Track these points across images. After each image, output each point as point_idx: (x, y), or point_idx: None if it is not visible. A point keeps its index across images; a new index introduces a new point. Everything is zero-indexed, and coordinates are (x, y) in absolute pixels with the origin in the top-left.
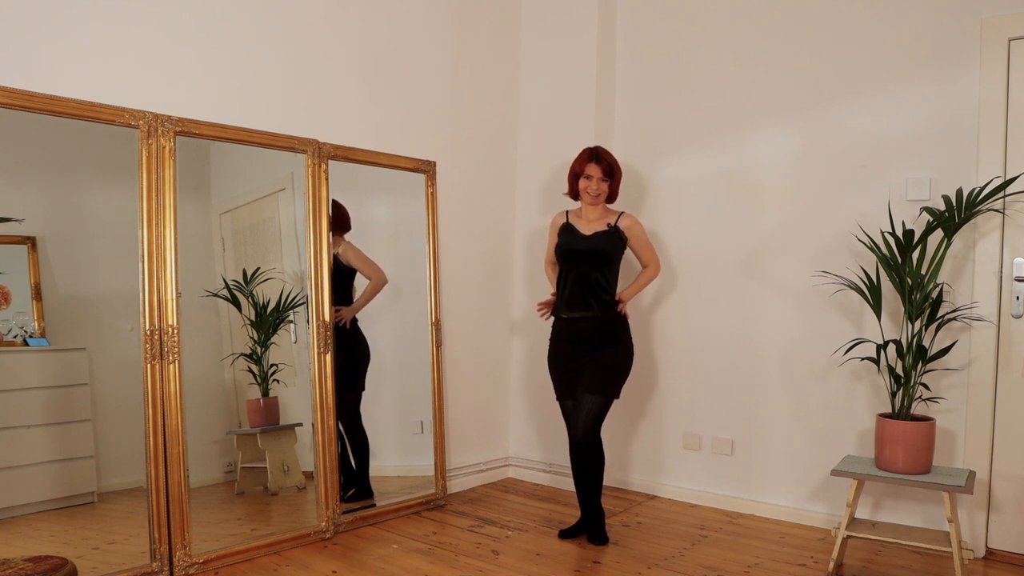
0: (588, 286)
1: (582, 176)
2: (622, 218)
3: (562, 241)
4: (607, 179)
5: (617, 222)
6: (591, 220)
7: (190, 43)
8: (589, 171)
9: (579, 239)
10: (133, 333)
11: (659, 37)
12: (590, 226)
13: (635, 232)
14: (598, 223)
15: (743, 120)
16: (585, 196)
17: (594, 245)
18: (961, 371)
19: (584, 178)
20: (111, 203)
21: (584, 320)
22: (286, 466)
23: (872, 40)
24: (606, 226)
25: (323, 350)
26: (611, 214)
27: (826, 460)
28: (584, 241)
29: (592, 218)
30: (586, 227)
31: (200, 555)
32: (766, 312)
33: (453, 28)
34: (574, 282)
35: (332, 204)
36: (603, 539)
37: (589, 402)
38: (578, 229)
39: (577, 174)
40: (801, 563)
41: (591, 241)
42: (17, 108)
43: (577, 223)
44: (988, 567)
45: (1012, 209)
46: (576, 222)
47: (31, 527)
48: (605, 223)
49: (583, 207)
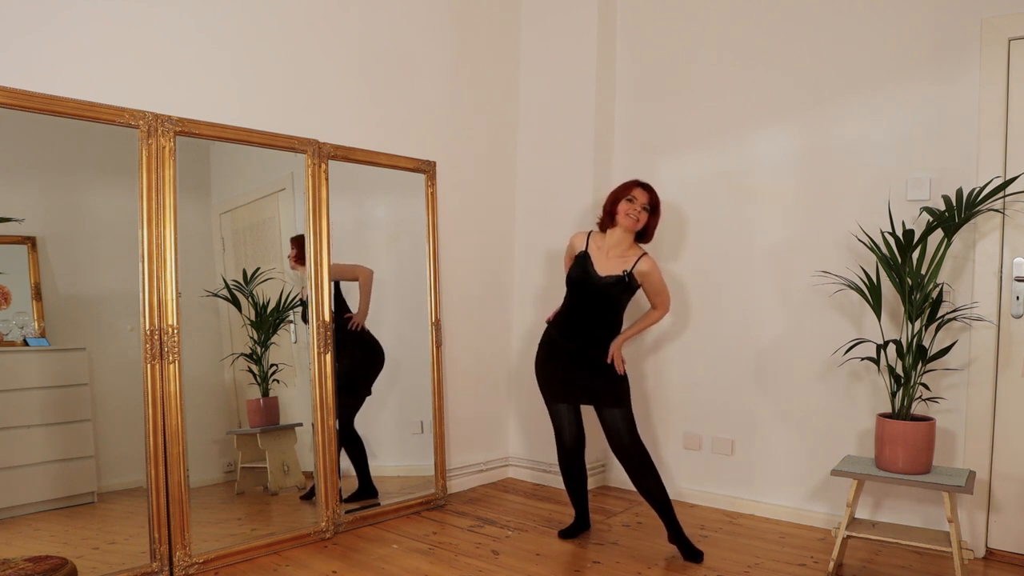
0: (589, 322)
1: (624, 199)
2: (641, 262)
3: (574, 271)
4: (649, 210)
5: (634, 268)
6: (611, 256)
7: (190, 43)
8: (635, 194)
9: (591, 277)
10: (133, 333)
11: (659, 37)
12: (606, 263)
13: (651, 279)
14: (616, 262)
15: (743, 120)
16: (625, 220)
17: (603, 289)
18: (961, 371)
19: (627, 200)
20: (111, 203)
21: (579, 351)
22: (286, 466)
23: (872, 40)
24: (621, 272)
25: (323, 350)
26: (633, 254)
27: (826, 460)
28: (595, 281)
29: (613, 254)
30: (602, 264)
31: (200, 555)
32: (766, 312)
33: (453, 28)
34: (577, 316)
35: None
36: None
37: (617, 416)
38: (593, 264)
39: (619, 197)
40: (801, 563)
41: (602, 282)
42: (17, 108)
43: (595, 255)
44: (988, 567)
45: (1012, 209)
46: (594, 253)
47: (31, 527)
48: (621, 268)
49: (609, 235)
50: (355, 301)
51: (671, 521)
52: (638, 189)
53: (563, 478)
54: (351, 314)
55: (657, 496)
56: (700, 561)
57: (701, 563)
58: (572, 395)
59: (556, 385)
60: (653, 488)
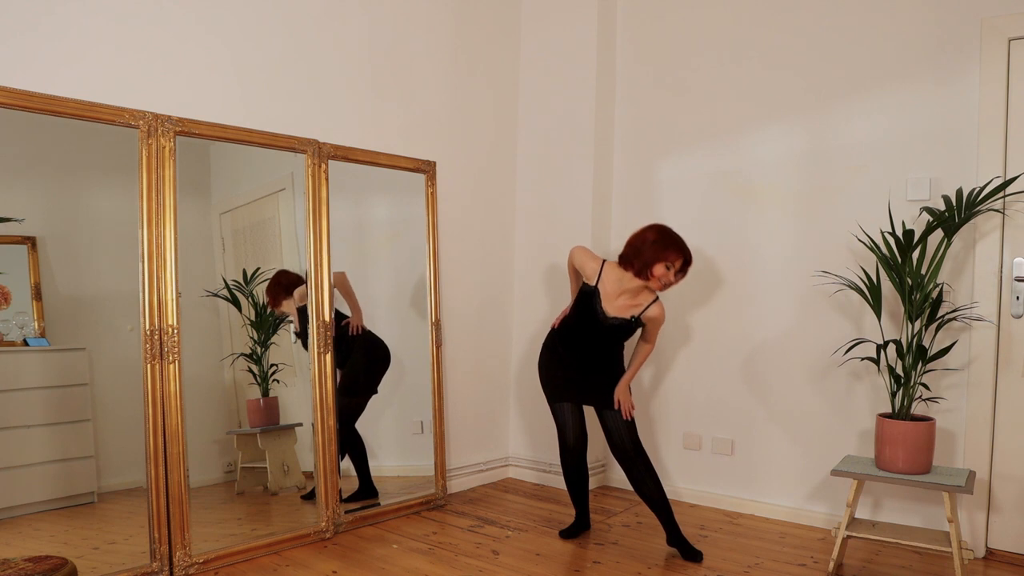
0: (591, 350)
1: (664, 262)
2: (652, 307)
3: (581, 303)
4: (681, 273)
5: (643, 313)
6: (622, 296)
7: (190, 43)
8: (676, 262)
9: (597, 316)
10: (133, 333)
11: (659, 38)
12: (615, 304)
13: (656, 323)
14: (626, 307)
15: (743, 120)
16: (655, 283)
17: (607, 330)
18: (961, 371)
19: (666, 266)
20: (111, 203)
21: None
22: (286, 466)
23: (872, 40)
24: (629, 316)
25: (323, 350)
26: (644, 299)
27: (826, 460)
28: (601, 320)
29: (626, 296)
30: (610, 303)
31: (200, 555)
32: (766, 312)
33: (454, 28)
34: (579, 342)
35: (281, 272)
36: (696, 553)
37: (618, 418)
38: (601, 303)
39: (659, 259)
40: (801, 563)
41: (607, 323)
42: (17, 108)
43: (605, 292)
44: (988, 567)
45: (1012, 209)
46: (605, 289)
47: (31, 527)
48: (630, 313)
49: (629, 278)
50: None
51: (670, 524)
52: (680, 259)
53: (565, 478)
54: (348, 319)
55: (657, 500)
56: (700, 561)
57: (701, 563)
58: (575, 394)
59: (559, 384)
60: (653, 492)
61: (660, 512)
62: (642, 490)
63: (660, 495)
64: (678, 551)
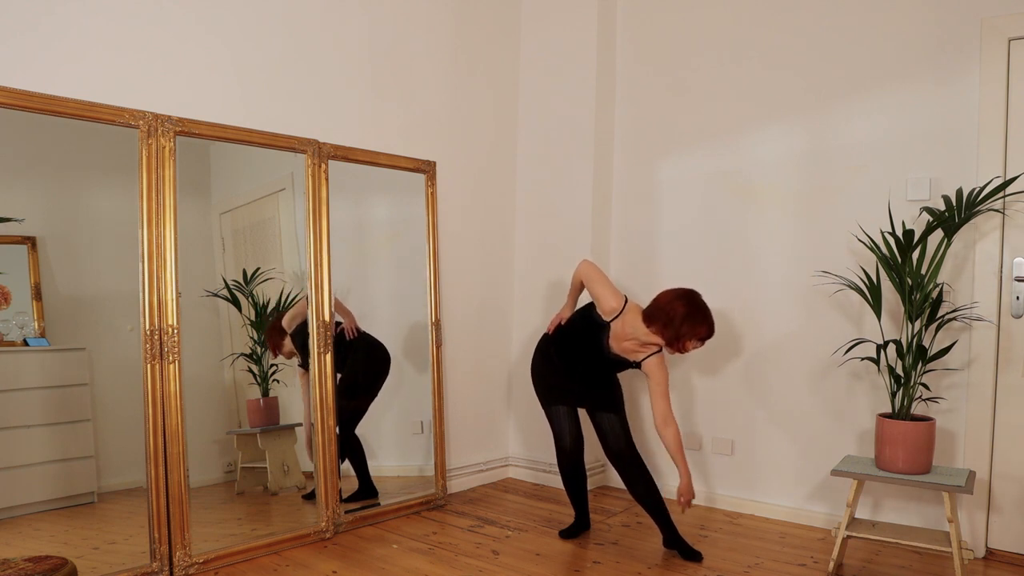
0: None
1: (696, 339)
2: (653, 358)
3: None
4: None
5: (644, 360)
6: (631, 344)
7: (190, 43)
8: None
9: (603, 348)
10: (133, 333)
11: (659, 38)
12: (622, 344)
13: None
14: (631, 350)
15: (743, 120)
16: (677, 352)
17: (607, 362)
18: (961, 371)
19: (696, 342)
20: (111, 203)
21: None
22: (286, 466)
23: (872, 40)
24: (631, 360)
25: (323, 350)
26: (652, 348)
27: (826, 460)
28: (606, 353)
29: (634, 344)
30: (618, 342)
31: (200, 555)
32: (766, 312)
33: (454, 28)
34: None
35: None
36: (695, 553)
37: (612, 420)
38: (610, 338)
39: (693, 335)
40: (801, 563)
41: (609, 358)
42: (17, 108)
43: (616, 331)
44: (988, 567)
45: (1012, 209)
46: (615, 328)
47: (31, 527)
48: (634, 357)
49: (648, 333)
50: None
51: (666, 525)
52: (710, 334)
53: (563, 481)
54: (341, 324)
55: (651, 501)
56: (700, 561)
57: (701, 563)
58: (569, 397)
59: (553, 388)
60: (646, 493)
61: (655, 513)
62: (636, 491)
63: (654, 496)
64: (677, 552)
